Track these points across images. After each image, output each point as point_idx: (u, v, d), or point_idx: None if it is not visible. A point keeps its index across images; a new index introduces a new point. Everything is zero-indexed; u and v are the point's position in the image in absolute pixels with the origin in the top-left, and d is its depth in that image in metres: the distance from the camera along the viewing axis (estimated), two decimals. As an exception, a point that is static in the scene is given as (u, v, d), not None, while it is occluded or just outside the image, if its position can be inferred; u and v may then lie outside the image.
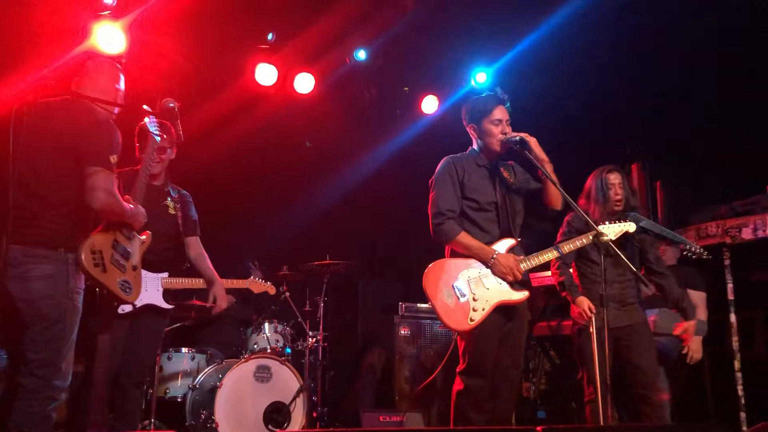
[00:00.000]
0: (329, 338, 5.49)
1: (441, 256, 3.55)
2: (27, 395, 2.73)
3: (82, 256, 2.85)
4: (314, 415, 5.12)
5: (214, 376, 4.68)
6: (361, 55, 6.32)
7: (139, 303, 3.66)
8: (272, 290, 4.69)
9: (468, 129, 3.68)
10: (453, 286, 3.34)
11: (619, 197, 4.15)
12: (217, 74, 6.17)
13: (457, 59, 6.73)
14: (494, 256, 3.37)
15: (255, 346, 5.00)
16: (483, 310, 3.31)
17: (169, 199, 3.98)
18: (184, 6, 5.41)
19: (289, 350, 5.08)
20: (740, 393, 4.93)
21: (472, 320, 3.29)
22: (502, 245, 3.44)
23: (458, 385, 3.37)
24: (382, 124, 7.02)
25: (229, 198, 6.26)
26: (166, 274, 3.91)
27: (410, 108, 6.98)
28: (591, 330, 3.93)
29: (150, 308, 3.82)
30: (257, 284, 4.58)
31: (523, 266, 3.39)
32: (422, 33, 6.37)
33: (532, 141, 3.47)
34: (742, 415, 4.85)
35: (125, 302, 3.19)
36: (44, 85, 3.01)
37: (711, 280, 5.20)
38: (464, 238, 3.42)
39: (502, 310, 3.39)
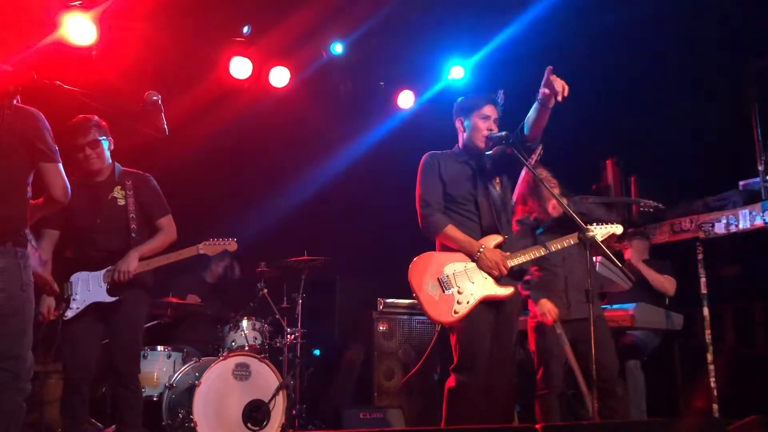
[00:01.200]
0: (307, 335, 5.45)
1: (421, 250, 3.54)
2: None
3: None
4: (293, 412, 5.08)
5: (192, 375, 4.61)
6: (338, 48, 6.28)
7: (82, 305, 3.67)
8: (232, 246, 4.11)
9: (456, 123, 3.70)
10: (438, 278, 3.35)
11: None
12: (191, 67, 6.08)
13: (433, 54, 6.73)
14: (480, 249, 3.38)
15: (233, 344, 4.93)
16: (468, 303, 3.32)
17: (117, 189, 3.83)
18: (157, -3, 5.31)
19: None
20: (713, 385, 5.01)
21: (456, 312, 3.30)
22: (490, 241, 3.44)
23: (450, 382, 3.37)
24: (358, 119, 6.99)
25: (204, 193, 6.16)
26: (110, 268, 3.72)
27: (386, 103, 6.96)
28: (558, 330, 4.00)
29: (100, 306, 3.71)
30: (212, 246, 4.05)
31: (511, 263, 3.40)
32: (398, 27, 6.35)
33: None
34: (715, 407, 4.94)
35: None
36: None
37: (684, 274, 5.28)
38: (452, 230, 3.44)
39: (492, 304, 3.39)
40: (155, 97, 3.19)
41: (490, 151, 3.60)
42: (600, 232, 3.65)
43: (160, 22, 5.73)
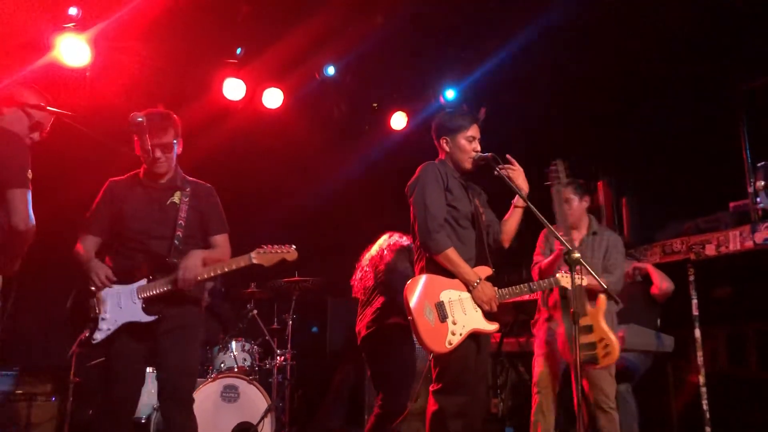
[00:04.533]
0: (297, 356, 5.42)
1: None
2: None
3: None
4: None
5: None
6: (331, 70, 6.31)
7: (113, 326, 3.18)
8: (292, 255, 3.47)
9: (439, 142, 3.63)
10: (435, 304, 3.29)
11: None
12: (185, 88, 6.11)
13: (426, 76, 6.78)
14: (478, 281, 3.34)
15: (222, 365, 4.91)
16: (460, 335, 3.28)
17: (177, 194, 3.44)
18: (150, 19, 5.36)
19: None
20: (705, 408, 4.99)
21: (449, 344, 3.25)
22: (482, 272, 3.41)
23: (433, 405, 3.32)
24: (351, 140, 7.02)
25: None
26: (144, 282, 3.25)
27: (379, 124, 6.99)
28: None
29: (138, 327, 3.22)
30: (267, 255, 3.40)
31: (499, 299, 3.40)
32: (392, 49, 6.39)
33: (518, 170, 3.53)
34: (708, 430, 4.91)
35: None
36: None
37: (675, 296, 5.27)
38: (453, 254, 3.34)
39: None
40: (140, 119, 3.17)
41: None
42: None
43: (154, 44, 5.78)
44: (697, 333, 5.15)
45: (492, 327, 3.38)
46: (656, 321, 5.29)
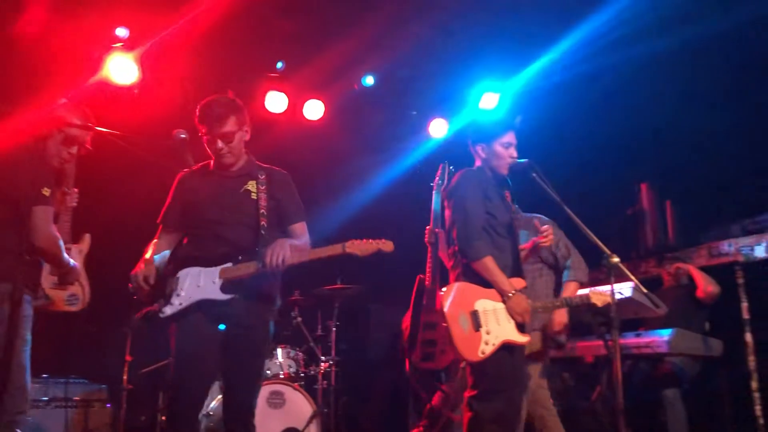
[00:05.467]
0: (341, 363, 5.48)
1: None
2: None
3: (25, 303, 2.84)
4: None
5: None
6: (369, 80, 6.40)
7: (186, 301, 3.03)
8: (388, 246, 3.19)
9: (475, 148, 3.65)
10: (470, 313, 3.32)
11: None
12: (229, 102, 6.25)
13: (465, 82, 6.79)
14: (513, 292, 3.35)
15: (267, 372, 5.00)
16: (493, 345, 3.30)
17: (252, 183, 3.28)
18: (195, 38, 5.53)
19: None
20: (758, 413, 4.86)
21: (482, 353, 3.27)
22: (516, 284, 3.42)
23: (469, 412, 3.34)
24: (390, 148, 7.08)
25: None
26: (229, 264, 3.09)
27: (418, 131, 7.03)
28: None
29: (213, 310, 3.06)
30: (361, 245, 3.19)
31: (531, 312, 3.42)
32: (430, 57, 6.45)
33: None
34: (761, 437, 4.79)
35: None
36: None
37: (723, 299, 5.16)
38: (491, 262, 3.36)
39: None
40: (183, 135, 3.23)
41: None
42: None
43: (198, 61, 5.95)
44: (748, 337, 5.03)
45: (524, 339, 3.39)
46: (704, 325, 5.20)
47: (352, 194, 6.92)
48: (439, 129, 6.97)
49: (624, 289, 4.45)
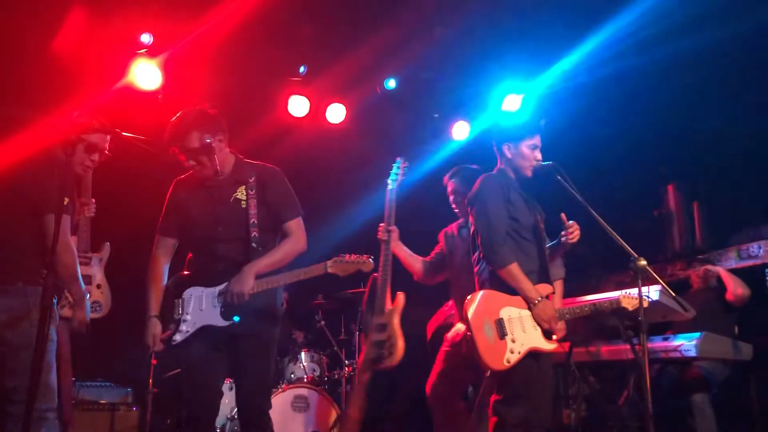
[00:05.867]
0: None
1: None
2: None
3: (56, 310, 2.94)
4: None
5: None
6: (391, 84, 6.38)
7: (192, 327, 3.11)
8: (368, 265, 3.30)
9: (500, 148, 3.63)
10: (495, 321, 3.29)
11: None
12: (251, 107, 6.30)
13: (487, 84, 6.76)
14: (539, 299, 3.32)
15: (292, 376, 5.02)
16: (519, 353, 3.26)
17: (241, 189, 3.24)
18: (217, 43, 5.57)
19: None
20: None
21: (508, 362, 3.24)
22: (543, 290, 3.39)
23: (494, 417, 3.31)
24: (412, 151, 7.05)
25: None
26: (224, 286, 3.12)
27: (441, 134, 7.01)
28: None
29: (215, 331, 3.13)
30: (342, 264, 3.23)
31: (558, 317, 3.39)
32: (451, 60, 6.43)
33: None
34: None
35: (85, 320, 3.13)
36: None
37: (753, 302, 5.07)
38: (516, 269, 3.32)
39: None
40: (208, 140, 3.22)
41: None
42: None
43: (222, 66, 5.99)
44: (780, 340, 4.94)
45: (551, 346, 3.35)
46: (733, 328, 5.11)
47: (373, 197, 6.91)
48: (461, 131, 6.93)
49: (651, 293, 4.39)
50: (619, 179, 6.17)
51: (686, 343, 4.61)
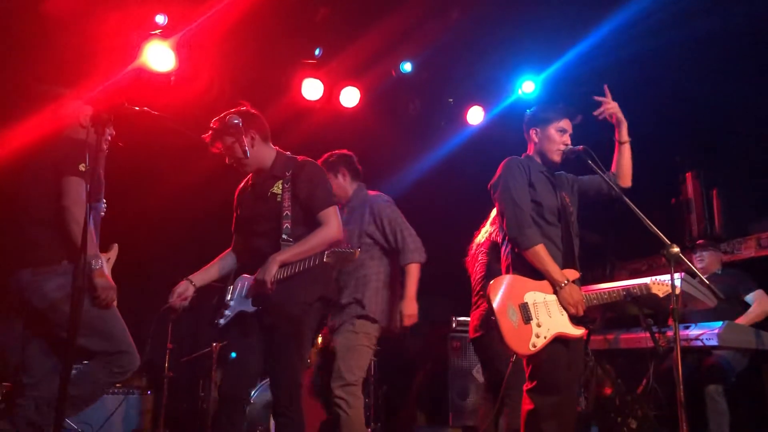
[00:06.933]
0: (380, 353, 5.44)
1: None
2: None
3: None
4: (368, 431, 5.07)
5: (270, 392, 4.66)
6: (407, 67, 6.31)
7: (232, 312, 3.30)
8: (352, 257, 3.19)
9: (529, 133, 3.59)
10: (520, 305, 3.24)
11: None
12: (265, 90, 6.23)
13: (503, 69, 6.69)
14: (565, 282, 3.27)
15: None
16: (544, 338, 3.22)
17: (279, 183, 3.34)
18: (231, 25, 5.49)
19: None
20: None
21: (534, 346, 3.20)
22: (570, 275, 3.32)
23: (528, 404, 3.27)
24: (427, 136, 7.00)
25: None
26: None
27: (455, 119, 6.95)
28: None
29: (248, 318, 3.28)
30: (335, 254, 3.15)
31: (586, 304, 3.32)
32: (467, 44, 6.35)
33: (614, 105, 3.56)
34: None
35: None
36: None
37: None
38: (543, 250, 3.28)
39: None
40: (236, 120, 3.22)
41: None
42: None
43: (235, 48, 5.92)
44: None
45: (578, 332, 3.28)
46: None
47: (387, 182, 6.86)
48: (476, 116, 6.87)
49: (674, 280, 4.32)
50: (636, 166, 6.08)
51: (709, 332, 4.56)
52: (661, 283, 3.47)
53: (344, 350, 3.82)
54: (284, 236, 3.20)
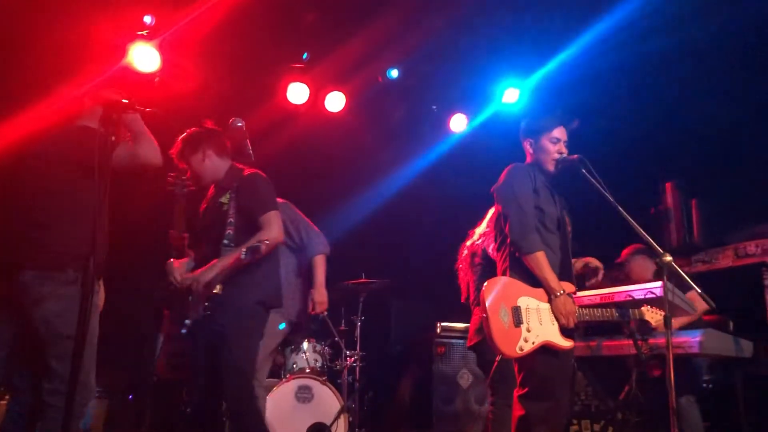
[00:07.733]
0: (366, 358, 5.45)
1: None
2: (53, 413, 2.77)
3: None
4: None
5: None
6: (394, 73, 6.34)
7: (190, 320, 3.41)
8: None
9: (524, 144, 3.60)
10: (512, 308, 3.26)
11: None
12: (250, 93, 6.21)
13: (486, 77, 6.75)
14: (561, 292, 3.28)
15: (294, 366, 4.96)
16: (532, 343, 3.23)
17: (227, 194, 3.54)
18: (217, 26, 5.46)
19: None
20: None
21: (520, 350, 3.21)
22: (566, 287, 3.35)
23: (519, 410, 3.28)
24: (411, 143, 7.03)
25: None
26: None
27: (439, 126, 6.99)
28: None
29: (202, 324, 3.45)
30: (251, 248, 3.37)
31: (578, 318, 3.35)
32: (452, 52, 6.39)
33: None
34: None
35: None
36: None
37: (749, 301, 5.13)
38: (543, 258, 3.30)
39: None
40: (239, 123, 3.21)
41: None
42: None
43: (221, 50, 5.88)
44: (774, 338, 5.01)
45: (566, 344, 3.29)
46: (728, 326, 5.15)
47: (371, 187, 6.87)
48: (459, 124, 6.92)
49: (656, 289, 4.40)
50: (617, 175, 6.17)
51: (690, 340, 4.64)
52: (654, 311, 3.56)
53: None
54: (225, 241, 3.37)
